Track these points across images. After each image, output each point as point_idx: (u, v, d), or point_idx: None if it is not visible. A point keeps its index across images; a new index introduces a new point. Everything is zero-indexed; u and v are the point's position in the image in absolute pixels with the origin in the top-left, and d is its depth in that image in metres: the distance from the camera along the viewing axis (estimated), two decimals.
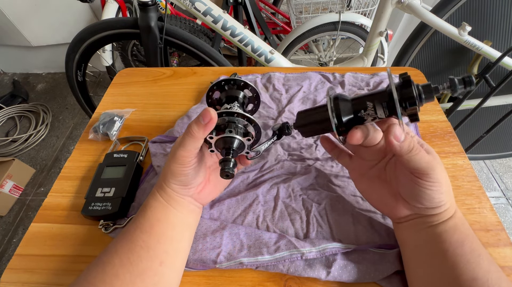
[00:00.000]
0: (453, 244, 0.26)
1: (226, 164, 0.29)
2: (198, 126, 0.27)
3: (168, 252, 0.29)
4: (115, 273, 0.26)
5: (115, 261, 0.27)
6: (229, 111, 0.30)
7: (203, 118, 0.27)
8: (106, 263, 0.27)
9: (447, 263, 0.26)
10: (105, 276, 0.26)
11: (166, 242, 0.29)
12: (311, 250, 0.31)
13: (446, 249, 0.26)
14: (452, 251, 0.26)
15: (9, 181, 1.25)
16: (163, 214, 0.30)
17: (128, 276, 0.26)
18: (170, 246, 0.29)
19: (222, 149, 0.30)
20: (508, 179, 1.32)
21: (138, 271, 0.27)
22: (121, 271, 0.27)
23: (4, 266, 1.00)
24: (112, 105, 0.52)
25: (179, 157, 0.28)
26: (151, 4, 0.78)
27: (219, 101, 0.36)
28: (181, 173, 0.29)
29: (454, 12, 0.80)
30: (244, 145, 0.30)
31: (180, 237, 0.31)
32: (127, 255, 0.27)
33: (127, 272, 0.27)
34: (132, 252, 0.28)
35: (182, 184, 0.30)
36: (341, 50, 1.61)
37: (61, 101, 1.72)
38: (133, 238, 0.28)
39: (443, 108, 0.86)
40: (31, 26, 1.54)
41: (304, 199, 0.37)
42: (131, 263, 0.27)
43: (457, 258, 0.26)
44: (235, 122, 0.30)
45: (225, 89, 0.35)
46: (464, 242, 0.26)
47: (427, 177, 0.26)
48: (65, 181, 0.41)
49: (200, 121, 0.27)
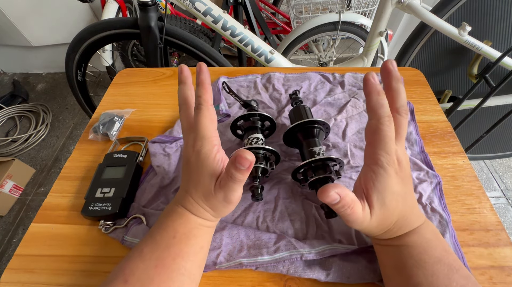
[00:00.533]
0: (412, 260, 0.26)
1: (256, 191, 0.34)
2: (239, 172, 0.26)
3: (201, 271, 0.30)
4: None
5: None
6: (259, 147, 0.36)
7: (243, 163, 0.25)
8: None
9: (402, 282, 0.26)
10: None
11: (204, 264, 0.30)
12: (310, 251, 0.31)
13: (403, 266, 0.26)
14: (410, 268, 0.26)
15: (9, 181, 1.25)
16: (206, 239, 0.30)
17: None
18: (203, 265, 0.30)
19: (250, 175, 0.34)
20: (508, 179, 1.32)
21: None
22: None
23: (4, 266, 1.00)
24: (112, 105, 0.52)
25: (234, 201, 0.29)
26: (151, 4, 0.78)
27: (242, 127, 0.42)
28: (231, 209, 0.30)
29: (454, 12, 0.80)
30: (267, 171, 0.37)
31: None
32: (167, 284, 0.26)
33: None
34: (174, 281, 0.26)
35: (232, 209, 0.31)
36: (341, 50, 1.61)
37: (61, 101, 1.72)
38: (173, 267, 0.26)
39: (443, 108, 0.86)
40: (31, 26, 1.54)
41: (304, 200, 0.37)
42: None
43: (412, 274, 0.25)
44: (261, 153, 0.36)
45: (249, 119, 0.41)
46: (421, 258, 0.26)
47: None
48: (65, 181, 0.41)
49: (239, 168, 0.25)
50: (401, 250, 0.27)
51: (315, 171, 0.34)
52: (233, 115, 0.48)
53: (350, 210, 0.25)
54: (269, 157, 0.38)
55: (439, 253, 0.26)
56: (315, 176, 0.34)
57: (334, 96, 0.50)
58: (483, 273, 0.31)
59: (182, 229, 0.28)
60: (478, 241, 0.33)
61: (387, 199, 0.26)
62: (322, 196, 0.25)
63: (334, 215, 0.32)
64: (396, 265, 0.27)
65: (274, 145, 0.43)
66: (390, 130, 0.26)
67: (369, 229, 0.27)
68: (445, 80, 0.93)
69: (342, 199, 0.25)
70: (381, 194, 0.26)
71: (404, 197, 0.27)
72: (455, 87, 0.93)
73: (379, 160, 0.26)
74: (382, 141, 0.25)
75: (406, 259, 0.26)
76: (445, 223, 0.34)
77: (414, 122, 0.45)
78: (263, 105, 0.50)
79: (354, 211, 0.25)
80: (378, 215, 0.26)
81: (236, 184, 0.27)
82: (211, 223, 0.30)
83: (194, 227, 0.29)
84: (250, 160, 0.24)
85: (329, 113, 0.47)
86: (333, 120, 0.46)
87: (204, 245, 0.30)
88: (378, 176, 0.26)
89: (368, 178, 0.27)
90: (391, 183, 0.26)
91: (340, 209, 0.25)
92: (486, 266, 0.31)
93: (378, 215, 0.26)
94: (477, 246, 0.33)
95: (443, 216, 0.34)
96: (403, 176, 0.26)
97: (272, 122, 0.42)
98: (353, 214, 0.26)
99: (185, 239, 0.28)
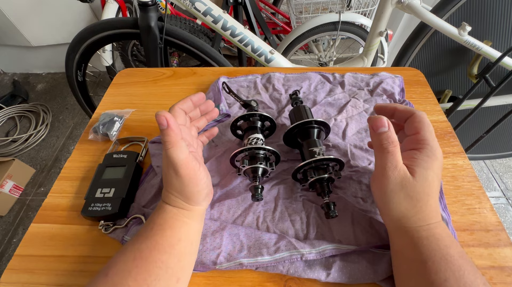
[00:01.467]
0: (430, 251, 0.26)
1: (256, 191, 0.34)
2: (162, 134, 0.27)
3: (185, 267, 0.29)
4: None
5: (130, 283, 0.25)
6: (259, 147, 0.36)
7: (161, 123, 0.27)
8: (118, 285, 0.25)
9: (420, 271, 0.26)
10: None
11: (185, 259, 0.29)
12: (310, 251, 0.31)
13: (421, 256, 0.26)
14: (427, 258, 0.25)
15: (9, 181, 1.25)
16: (184, 232, 0.29)
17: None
18: (187, 262, 0.29)
19: (250, 174, 0.36)
20: (508, 179, 1.32)
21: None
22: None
23: (4, 266, 1.00)
24: (112, 105, 0.52)
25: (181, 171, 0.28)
26: (151, 4, 0.78)
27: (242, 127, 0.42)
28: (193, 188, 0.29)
29: (454, 12, 0.80)
30: (267, 171, 0.37)
31: (195, 250, 0.30)
32: (143, 276, 0.25)
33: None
34: (150, 273, 0.26)
35: (208, 195, 0.31)
36: (341, 50, 1.61)
37: (61, 101, 1.72)
38: (149, 259, 0.26)
39: (443, 108, 0.86)
40: (31, 26, 1.54)
41: (304, 200, 0.37)
42: (148, 284, 0.25)
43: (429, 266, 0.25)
44: (261, 154, 0.36)
45: (249, 120, 0.41)
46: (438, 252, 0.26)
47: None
48: (65, 182, 0.41)
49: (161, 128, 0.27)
50: (430, 241, 0.26)
51: (315, 171, 0.34)
52: (233, 115, 0.48)
53: (393, 147, 0.28)
54: (269, 157, 0.38)
55: (461, 249, 0.26)
56: (315, 176, 0.34)
57: (334, 96, 0.50)
58: (483, 273, 0.31)
59: (159, 220, 0.29)
60: (478, 241, 0.33)
61: (429, 176, 0.27)
62: (373, 119, 0.29)
63: (335, 216, 0.32)
64: (421, 258, 0.26)
65: (274, 145, 0.43)
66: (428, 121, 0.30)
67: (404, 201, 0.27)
68: (445, 80, 0.93)
69: (390, 130, 0.28)
70: (425, 170, 0.27)
71: (439, 183, 0.29)
72: (455, 87, 0.93)
73: (428, 143, 0.28)
74: (428, 128, 0.29)
75: (435, 252, 0.26)
76: (445, 223, 0.33)
77: None
78: (263, 105, 0.50)
79: (395, 152, 0.28)
80: (419, 186, 0.27)
81: (167, 146, 0.27)
82: (188, 214, 0.30)
83: (170, 217, 0.29)
84: (164, 116, 0.27)
85: (329, 113, 0.47)
86: (333, 120, 0.46)
87: (182, 238, 0.29)
88: (424, 156, 0.28)
89: (413, 157, 0.28)
90: (435, 164, 0.28)
91: (384, 140, 0.28)
92: (486, 266, 0.31)
93: (419, 187, 0.27)
94: (477, 246, 0.33)
95: (443, 216, 0.34)
96: (442, 164, 0.29)
97: (272, 122, 0.42)
98: (395, 155, 0.27)
99: (161, 231, 0.28)
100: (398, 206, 0.28)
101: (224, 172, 0.40)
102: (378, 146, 0.29)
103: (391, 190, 0.28)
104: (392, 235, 0.30)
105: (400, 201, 0.28)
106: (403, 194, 0.27)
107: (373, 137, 0.30)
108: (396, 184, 0.27)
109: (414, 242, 0.27)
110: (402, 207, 0.28)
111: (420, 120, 0.30)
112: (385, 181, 0.28)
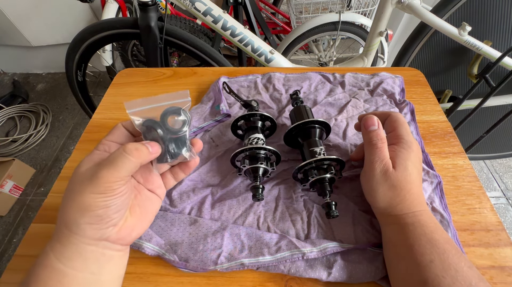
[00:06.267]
0: (411, 239, 0.28)
1: (257, 191, 0.34)
2: (143, 147, 0.23)
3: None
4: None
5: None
6: (260, 147, 0.36)
7: (152, 147, 0.24)
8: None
9: (401, 262, 0.28)
10: None
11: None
12: (312, 250, 0.31)
13: (402, 245, 0.28)
14: (407, 248, 0.27)
15: (9, 181, 1.25)
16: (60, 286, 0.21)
17: None
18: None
19: (251, 175, 0.36)
20: (508, 179, 1.32)
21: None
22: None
23: (4, 266, 1.00)
24: (112, 105, 0.52)
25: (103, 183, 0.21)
26: (151, 4, 0.78)
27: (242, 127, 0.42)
28: (99, 205, 0.21)
29: (454, 12, 0.80)
30: (267, 171, 0.37)
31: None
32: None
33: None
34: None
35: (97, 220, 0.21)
36: (341, 50, 1.61)
37: (61, 101, 1.72)
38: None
39: (443, 108, 0.86)
40: (31, 26, 1.54)
41: (305, 200, 0.37)
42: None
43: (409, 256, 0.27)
44: (262, 154, 0.36)
45: (249, 120, 0.41)
46: (420, 238, 0.27)
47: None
48: (65, 182, 0.41)
49: (147, 146, 0.24)
50: (416, 227, 0.28)
51: (316, 171, 0.34)
52: (234, 115, 0.48)
53: (381, 144, 0.31)
54: (269, 157, 0.38)
55: (446, 236, 0.28)
56: (316, 176, 0.34)
57: (334, 96, 0.50)
58: (484, 273, 0.31)
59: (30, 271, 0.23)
60: (479, 241, 0.33)
61: (409, 166, 0.30)
62: (364, 118, 0.34)
63: (335, 215, 0.32)
64: (408, 243, 0.27)
65: (275, 145, 0.43)
66: (403, 118, 0.34)
67: (389, 191, 0.30)
68: (445, 80, 0.93)
69: (379, 128, 0.33)
70: (404, 160, 0.30)
71: (419, 173, 0.31)
72: (455, 87, 0.93)
73: (403, 138, 0.32)
74: (403, 125, 0.33)
75: (420, 236, 0.27)
76: (446, 223, 0.34)
77: (414, 122, 0.45)
78: (264, 105, 0.50)
79: (383, 148, 0.31)
80: (400, 176, 0.29)
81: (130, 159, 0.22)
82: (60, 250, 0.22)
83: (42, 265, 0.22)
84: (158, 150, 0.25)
85: (330, 113, 0.47)
86: (334, 120, 0.46)
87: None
88: (401, 149, 0.31)
89: (392, 151, 0.31)
90: (412, 155, 0.31)
91: (374, 137, 0.32)
92: (486, 266, 0.31)
93: (400, 176, 0.29)
94: (477, 246, 0.33)
95: (444, 216, 0.34)
96: (419, 155, 0.32)
97: (272, 122, 0.42)
98: (382, 150, 0.31)
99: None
100: (383, 196, 0.30)
101: (225, 172, 0.40)
102: (368, 142, 0.33)
103: (376, 182, 0.30)
104: (382, 226, 0.32)
105: (385, 191, 0.30)
106: (387, 184, 0.30)
107: (364, 135, 0.34)
108: (381, 176, 0.30)
109: (400, 228, 0.29)
110: (387, 197, 0.30)
111: (395, 119, 0.33)
112: (372, 174, 0.31)
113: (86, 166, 0.23)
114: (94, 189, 0.21)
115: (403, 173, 0.29)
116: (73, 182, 0.22)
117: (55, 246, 0.22)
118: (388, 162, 0.30)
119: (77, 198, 0.21)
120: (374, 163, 0.31)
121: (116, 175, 0.21)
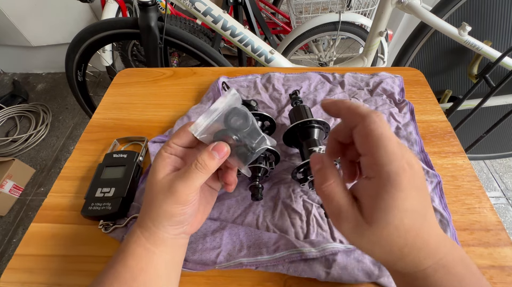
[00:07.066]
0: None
1: (256, 191, 0.34)
2: (212, 160, 0.25)
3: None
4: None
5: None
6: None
7: (218, 153, 0.25)
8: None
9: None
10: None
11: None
12: (311, 250, 0.31)
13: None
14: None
15: (9, 181, 1.25)
16: (148, 262, 0.26)
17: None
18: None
19: (251, 175, 0.35)
20: (508, 179, 1.32)
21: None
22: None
23: (4, 266, 1.00)
24: (112, 105, 0.52)
25: (182, 195, 0.24)
26: (151, 4, 0.78)
27: None
28: (180, 213, 0.25)
29: (454, 12, 0.80)
30: (267, 170, 0.37)
31: (166, 283, 0.27)
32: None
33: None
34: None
35: (178, 224, 0.26)
36: (341, 50, 1.61)
37: (61, 101, 1.72)
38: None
39: (443, 108, 0.86)
40: (31, 26, 1.54)
41: (304, 200, 0.37)
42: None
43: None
44: (261, 153, 0.34)
45: None
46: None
47: None
48: (65, 181, 0.41)
49: (214, 156, 0.25)
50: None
51: None
52: None
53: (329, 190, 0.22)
54: (269, 157, 0.38)
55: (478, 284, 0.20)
56: None
57: (334, 96, 0.50)
58: (483, 273, 0.31)
59: (123, 245, 0.27)
60: (478, 240, 0.33)
61: (396, 216, 0.19)
62: (310, 158, 0.26)
63: None
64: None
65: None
66: (384, 126, 0.20)
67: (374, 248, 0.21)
68: (445, 80, 0.93)
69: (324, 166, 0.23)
70: (384, 212, 0.19)
71: (424, 214, 0.20)
72: (455, 87, 0.93)
73: (382, 168, 0.19)
74: (381, 142, 0.19)
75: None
76: (446, 222, 0.34)
77: (414, 122, 0.45)
78: (263, 105, 0.50)
79: (332, 189, 0.22)
80: (379, 232, 0.20)
81: (202, 172, 0.25)
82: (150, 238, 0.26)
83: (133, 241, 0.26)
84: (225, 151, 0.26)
85: None
86: (333, 120, 0.46)
87: (145, 269, 0.25)
88: (382, 191, 0.19)
89: (365, 193, 0.21)
90: (402, 198, 0.19)
91: (316, 174, 0.24)
92: (486, 266, 0.31)
93: (381, 233, 0.20)
94: (477, 246, 0.33)
95: (444, 215, 0.34)
96: (419, 186, 0.20)
97: (272, 122, 0.42)
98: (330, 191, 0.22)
99: (123, 259, 0.26)
100: (370, 253, 0.22)
101: None
102: (316, 189, 0.24)
103: (350, 240, 0.22)
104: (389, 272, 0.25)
105: (368, 247, 0.21)
106: (365, 241, 0.21)
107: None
108: (350, 233, 0.21)
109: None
110: (375, 255, 0.22)
111: (368, 133, 0.20)
112: (339, 229, 0.22)
113: (162, 173, 0.26)
114: (175, 200, 0.25)
115: (387, 230, 0.20)
116: (154, 190, 0.26)
117: (145, 233, 0.26)
118: (352, 214, 0.21)
119: (163, 206, 0.25)
120: (333, 217, 0.22)
121: (191, 188, 0.25)
